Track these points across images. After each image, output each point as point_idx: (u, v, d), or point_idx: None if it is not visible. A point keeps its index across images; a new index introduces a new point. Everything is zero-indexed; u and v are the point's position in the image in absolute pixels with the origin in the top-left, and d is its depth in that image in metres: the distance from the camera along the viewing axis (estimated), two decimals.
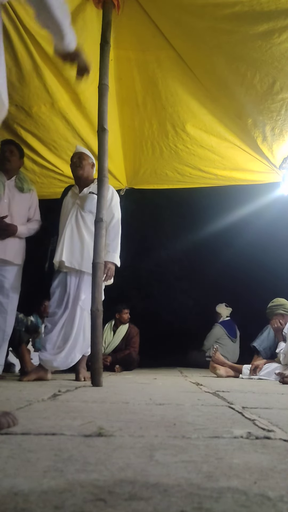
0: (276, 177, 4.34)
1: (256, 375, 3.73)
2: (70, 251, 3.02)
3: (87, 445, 0.86)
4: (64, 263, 3.00)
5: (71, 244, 3.04)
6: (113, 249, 3.06)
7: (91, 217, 2.96)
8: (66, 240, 3.03)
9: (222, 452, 0.82)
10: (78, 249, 3.03)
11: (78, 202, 3.14)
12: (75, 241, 3.04)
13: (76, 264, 3.00)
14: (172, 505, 0.52)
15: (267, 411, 1.46)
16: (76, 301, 2.99)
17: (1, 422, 0.99)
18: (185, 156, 4.17)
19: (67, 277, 3.05)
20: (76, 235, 3.06)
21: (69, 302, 3.00)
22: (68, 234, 3.06)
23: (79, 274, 3.04)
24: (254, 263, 7.80)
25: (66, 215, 3.13)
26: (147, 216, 8.21)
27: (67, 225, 3.07)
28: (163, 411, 1.40)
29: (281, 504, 0.54)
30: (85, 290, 2.98)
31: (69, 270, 3.05)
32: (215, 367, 3.99)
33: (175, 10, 2.92)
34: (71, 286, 3.03)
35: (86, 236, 3.04)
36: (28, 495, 0.55)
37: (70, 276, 3.05)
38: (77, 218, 3.10)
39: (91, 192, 3.12)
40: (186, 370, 5.70)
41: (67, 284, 3.03)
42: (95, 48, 2.98)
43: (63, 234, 3.06)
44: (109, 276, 3.02)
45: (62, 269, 3.06)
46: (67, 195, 3.26)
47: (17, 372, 3.85)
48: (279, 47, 2.91)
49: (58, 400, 1.71)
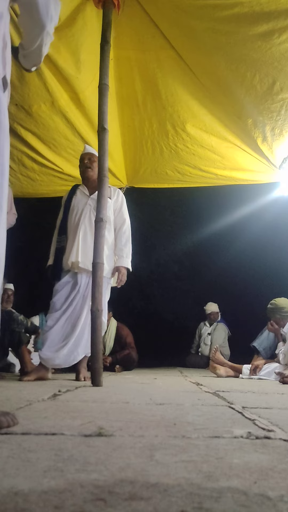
0: (276, 177, 4.34)
1: (256, 375, 3.72)
2: (84, 252, 3.02)
3: (87, 445, 0.86)
4: (78, 264, 3.01)
5: (85, 245, 3.03)
6: (126, 254, 3.14)
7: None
8: (81, 242, 3.04)
9: (222, 452, 0.82)
10: (91, 250, 3.02)
11: (91, 204, 3.13)
12: (89, 242, 3.01)
13: (90, 265, 2.97)
14: (172, 505, 0.52)
15: (267, 411, 1.46)
16: (85, 300, 3.00)
17: (1, 422, 0.99)
18: (185, 155, 4.17)
19: (78, 277, 3.06)
20: (89, 236, 3.02)
21: (77, 301, 3.01)
22: (82, 235, 3.06)
23: (89, 275, 3.04)
24: (254, 263, 7.81)
25: (77, 216, 3.13)
26: (147, 215, 8.20)
27: (80, 226, 3.07)
28: (163, 411, 1.40)
29: (281, 504, 0.54)
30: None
31: (81, 271, 3.06)
32: (215, 367, 3.98)
33: (175, 11, 2.92)
34: (81, 286, 3.04)
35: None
36: (28, 495, 0.55)
37: (81, 276, 3.06)
38: (91, 219, 3.06)
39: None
40: (186, 370, 5.69)
41: (78, 283, 3.04)
42: (95, 48, 2.98)
43: (76, 235, 3.06)
44: (123, 280, 3.11)
45: (73, 270, 3.06)
46: (75, 195, 3.24)
47: (17, 372, 3.85)
48: (279, 47, 2.91)
49: (58, 400, 1.71)
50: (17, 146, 4.01)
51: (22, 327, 3.76)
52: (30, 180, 4.42)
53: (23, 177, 4.37)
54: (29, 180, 4.41)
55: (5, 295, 4.48)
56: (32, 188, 4.54)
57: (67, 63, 3.24)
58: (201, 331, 6.86)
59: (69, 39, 3.08)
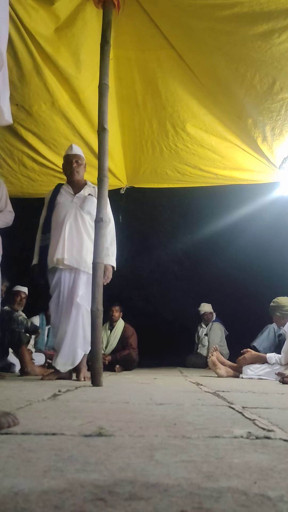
0: (276, 177, 4.34)
1: (241, 363, 3.82)
2: (70, 249, 3.04)
3: (87, 445, 0.86)
4: (63, 260, 3.01)
5: (71, 242, 3.06)
6: (112, 252, 3.16)
7: (89, 218, 3.08)
8: (66, 238, 3.05)
9: (222, 452, 0.82)
10: (76, 248, 3.06)
11: (76, 202, 3.16)
12: (74, 240, 3.07)
13: (74, 262, 3.03)
14: (172, 505, 0.52)
15: (267, 411, 1.46)
16: (70, 298, 3.01)
17: (1, 422, 0.99)
18: (185, 155, 4.17)
19: (62, 274, 3.06)
20: (75, 234, 3.08)
21: (64, 301, 3.03)
22: (68, 232, 3.06)
23: (74, 272, 3.06)
24: (254, 262, 7.80)
25: (63, 214, 3.13)
26: (147, 215, 8.20)
27: (65, 224, 3.08)
28: (163, 411, 1.40)
29: (281, 504, 0.54)
30: (82, 286, 3.02)
31: (65, 268, 3.06)
32: (216, 365, 3.98)
33: (175, 11, 2.92)
34: (65, 284, 3.05)
35: (85, 235, 3.09)
36: (28, 494, 0.55)
37: (64, 273, 3.06)
38: (76, 217, 3.11)
39: (90, 194, 3.18)
40: (186, 370, 5.69)
41: (61, 282, 3.06)
42: (95, 48, 2.98)
43: (62, 232, 3.06)
44: (109, 278, 3.12)
45: (58, 266, 3.06)
46: (60, 194, 3.24)
47: (17, 372, 3.85)
48: (279, 47, 2.91)
49: (58, 400, 1.71)
50: (17, 146, 4.01)
51: (22, 327, 3.77)
52: (30, 180, 4.42)
53: (23, 177, 4.37)
54: (29, 180, 4.41)
55: (18, 297, 4.47)
56: (32, 188, 4.53)
57: (67, 63, 3.24)
58: (199, 333, 6.88)
59: (69, 39, 3.08)
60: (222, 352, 5.58)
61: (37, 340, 4.96)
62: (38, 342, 5.01)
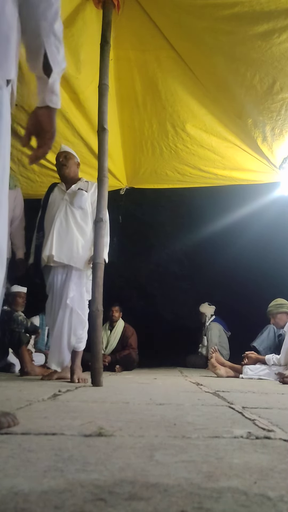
0: (276, 177, 4.34)
1: (244, 363, 3.82)
2: (59, 245, 2.99)
3: (87, 445, 0.86)
4: (53, 257, 2.97)
5: (60, 238, 3.01)
6: (104, 246, 3.12)
7: (80, 213, 3.05)
8: (55, 235, 3.01)
9: (222, 452, 0.82)
10: (67, 243, 3.00)
11: (67, 198, 3.13)
12: (64, 235, 3.01)
13: (64, 258, 2.97)
14: (172, 505, 0.52)
15: (267, 411, 1.46)
16: (60, 298, 2.97)
17: (1, 422, 0.99)
18: (185, 155, 4.17)
19: (55, 274, 3.03)
20: (65, 229, 3.03)
21: (56, 300, 3.00)
22: (57, 228, 3.03)
23: (66, 270, 3.01)
24: (254, 262, 7.81)
25: (54, 211, 3.12)
26: (147, 216, 8.20)
27: (55, 220, 3.04)
28: (163, 411, 1.40)
29: (281, 504, 0.54)
30: (72, 287, 2.96)
31: (56, 265, 3.02)
32: (216, 367, 3.98)
33: (175, 11, 2.92)
34: (57, 284, 3.02)
35: (76, 231, 3.04)
36: (28, 495, 0.55)
37: (57, 271, 3.03)
38: (66, 213, 3.07)
39: (80, 188, 3.14)
40: (186, 370, 5.69)
41: (54, 281, 3.03)
42: (95, 48, 2.98)
43: (51, 229, 3.03)
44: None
45: (49, 263, 3.03)
46: (53, 192, 3.24)
47: (17, 372, 3.85)
48: (279, 47, 2.91)
49: (58, 400, 1.71)
50: (17, 146, 4.00)
51: (22, 327, 3.76)
52: (30, 181, 4.41)
53: (23, 178, 4.36)
54: (29, 181, 4.41)
55: (21, 299, 4.46)
56: (32, 189, 4.53)
57: (67, 63, 3.24)
58: (202, 333, 6.90)
59: (69, 39, 3.08)
60: (222, 352, 5.58)
61: (37, 340, 4.96)
62: (38, 342, 5.01)
